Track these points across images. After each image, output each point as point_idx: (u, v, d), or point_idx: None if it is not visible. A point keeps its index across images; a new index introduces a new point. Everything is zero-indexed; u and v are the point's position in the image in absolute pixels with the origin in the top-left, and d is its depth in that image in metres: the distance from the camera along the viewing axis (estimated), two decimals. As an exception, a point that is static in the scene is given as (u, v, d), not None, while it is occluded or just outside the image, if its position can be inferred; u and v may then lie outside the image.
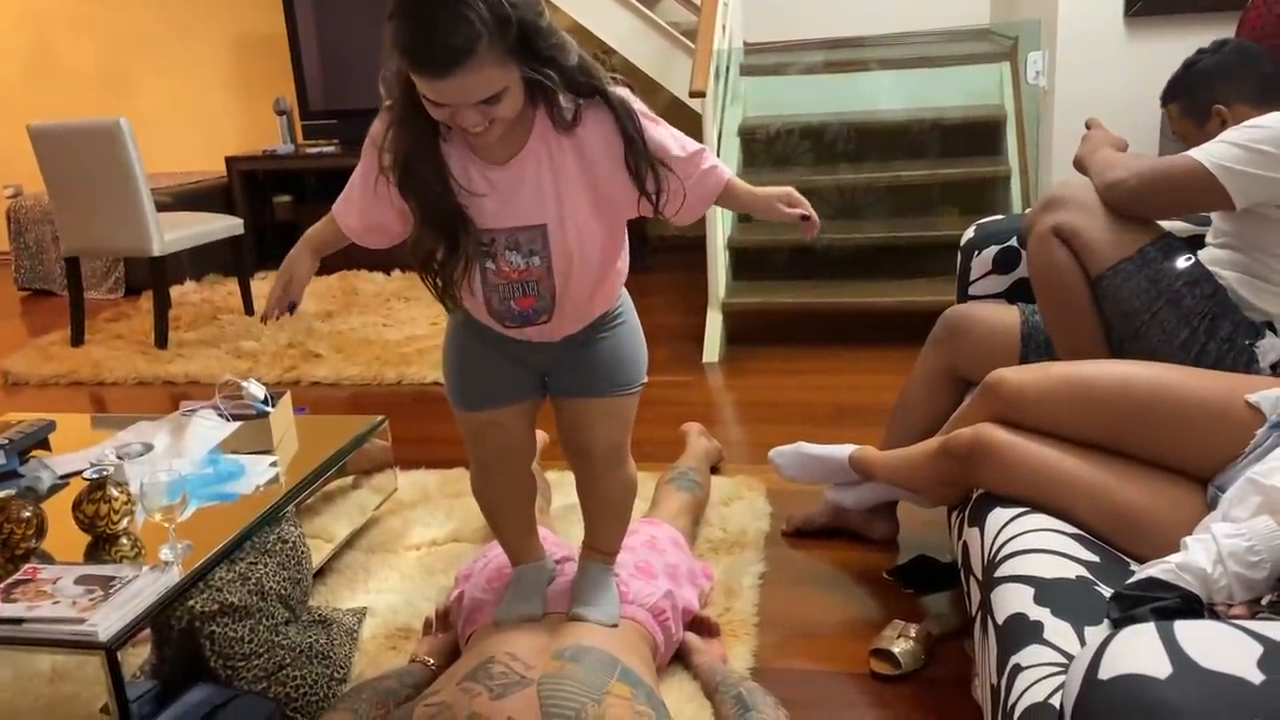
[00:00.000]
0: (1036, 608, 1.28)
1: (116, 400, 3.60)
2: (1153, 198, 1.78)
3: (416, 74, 1.33)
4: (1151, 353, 1.73)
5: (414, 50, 1.31)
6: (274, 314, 1.67)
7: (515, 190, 1.48)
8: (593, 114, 1.46)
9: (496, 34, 1.30)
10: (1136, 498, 1.51)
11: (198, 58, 5.69)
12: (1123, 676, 0.73)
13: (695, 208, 1.56)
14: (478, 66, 1.30)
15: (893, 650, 1.82)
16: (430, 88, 1.33)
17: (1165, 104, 1.98)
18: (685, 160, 1.53)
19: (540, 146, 1.46)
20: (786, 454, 2.17)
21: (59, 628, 1.55)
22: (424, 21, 1.28)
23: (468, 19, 1.27)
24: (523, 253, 1.52)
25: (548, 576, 1.77)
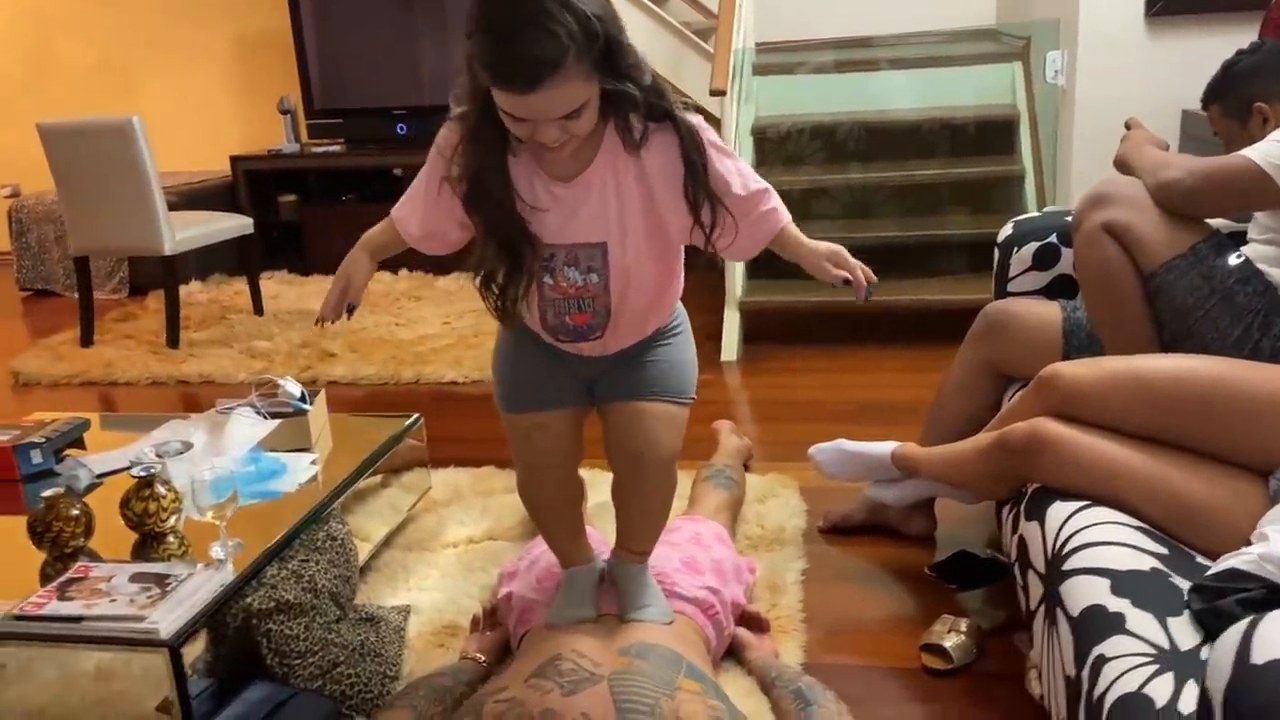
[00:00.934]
0: (1115, 599, 1.29)
1: (130, 400, 3.57)
2: (1207, 197, 1.80)
3: (501, 89, 1.32)
4: (1205, 350, 1.75)
5: (500, 65, 1.30)
6: (330, 318, 1.65)
7: (578, 207, 1.48)
8: (659, 137, 1.46)
9: (583, 47, 1.30)
10: (1196, 490, 1.52)
11: (200, 56, 5.66)
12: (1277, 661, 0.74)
13: (746, 248, 1.57)
14: (564, 80, 1.30)
15: (944, 645, 1.83)
16: (513, 103, 1.32)
17: (1206, 106, 2.00)
18: (744, 199, 1.52)
19: (606, 165, 1.47)
20: (827, 451, 2.17)
21: (119, 625, 1.54)
22: (511, 36, 1.28)
23: (555, 33, 1.26)
24: (581, 269, 1.53)
25: (598, 577, 1.76)
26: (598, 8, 1.31)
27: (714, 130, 1.51)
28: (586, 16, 1.29)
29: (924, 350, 3.43)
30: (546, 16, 1.26)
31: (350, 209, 5.14)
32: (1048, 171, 3.68)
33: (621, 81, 1.38)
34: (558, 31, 1.26)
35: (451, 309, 4.31)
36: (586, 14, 1.29)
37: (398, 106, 5.05)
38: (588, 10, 1.29)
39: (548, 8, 1.27)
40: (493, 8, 1.30)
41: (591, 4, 1.30)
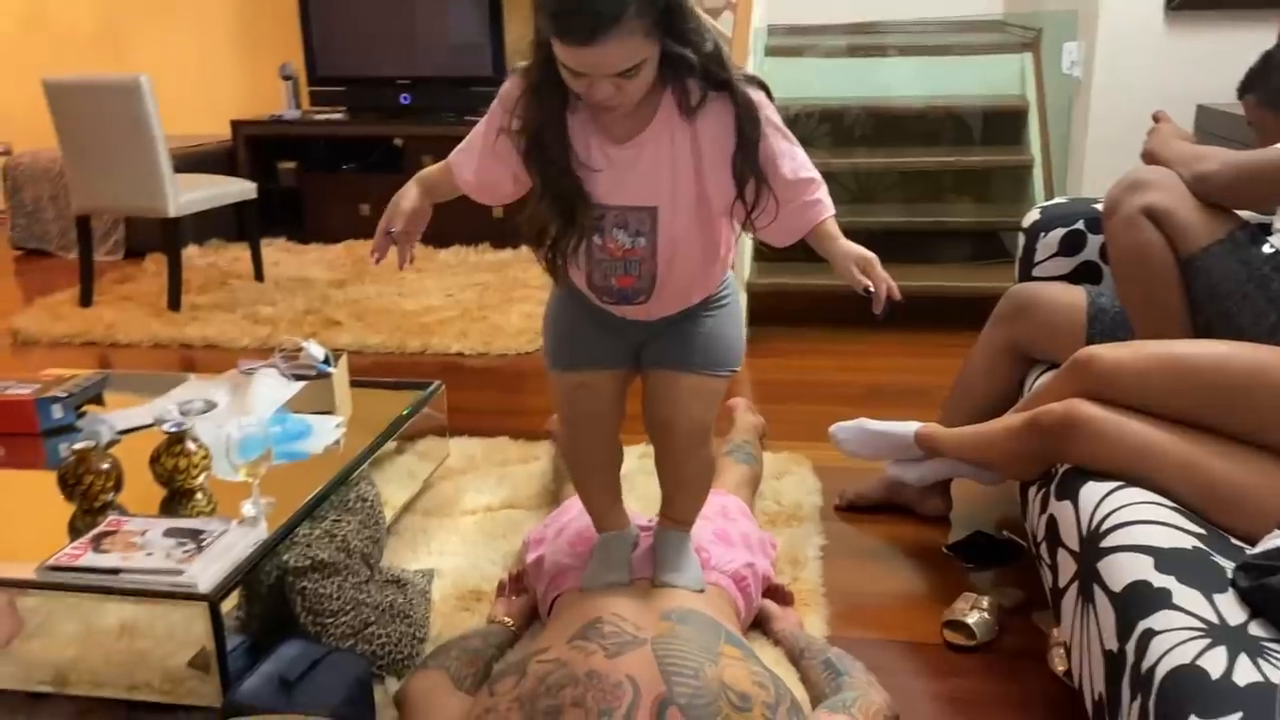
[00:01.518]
0: (1160, 575, 1.31)
1: (132, 361, 3.54)
2: (1245, 189, 1.82)
3: (560, 40, 1.32)
4: (1240, 334, 1.77)
5: (560, 16, 1.30)
6: (375, 253, 1.69)
7: (631, 169, 1.48)
8: (716, 106, 1.45)
9: (644, 4, 1.29)
10: (1231, 473, 1.54)
11: (202, 18, 5.59)
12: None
13: (781, 236, 1.55)
14: (623, 36, 1.30)
15: (967, 621, 1.85)
16: (572, 55, 1.32)
17: (1242, 95, 2.01)
18: (791, 183, 1.50)
19: (663, 129, 1.46)
20: (849, 429, 2.19)
21: (158, 579, 1.54)
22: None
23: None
24: (629, 232, 1.52)
25: (631, 544, 1.77)
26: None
27: (774, 108, 1.51)
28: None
29: (928, 336, 3.45)
30: None
31: (351, 178, 5.10)
32: (1057, 162, 3.70)
33: (682, 45, 1.37)
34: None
35: (454, 281, 4.30)
36: None
37: (401, 76, 5.02)
38: None
39: None
40: None
41: None
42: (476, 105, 4.92)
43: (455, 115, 4.94)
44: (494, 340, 3.56)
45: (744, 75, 1.47)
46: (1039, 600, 1.84)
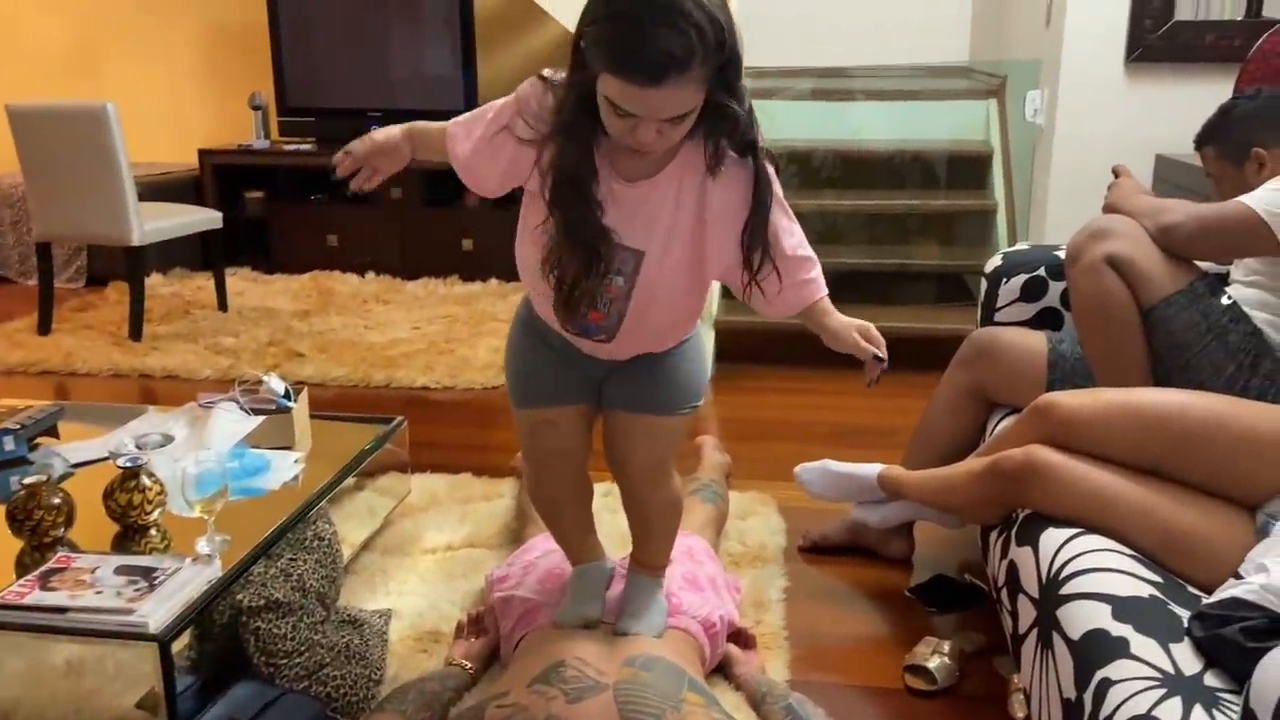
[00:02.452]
0: (1117, 624, 1.32)
1: (90, 391, 3.49)
2: (1206, 241, 1.85)
3: (620, 77, 1.28)
4: (1199, 385, 1.79)
5: (625, 54, 1.27)
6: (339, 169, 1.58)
7: (632, 210, 1.45)
8: (733, 170, 1.44)
9: (710, 53, 1.28)
10: (1188, 521, 1.56)
11: (172, 46, 5.56)
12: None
13: (778, 308, 1.55)
14: (685, 82, 1.28)
15: (928, 666, 1.85)
16: (628, 95, 1.29)
17: (1200, 147, 2.05)
18: (791, 260, 1.51)
19: (673, 177, 1.44)
20: (813, 471, 2.19)
21: (107, 618, 1.51)
22: (644, 25, 1.25)
23: (687, 32, 1.24)
24: (612, 269, 1.50)
25: (607, 576, 1.76)
26: (726, 18, 1.30)
27: (779, 184, 1.50)
28: (719, 25, 1.28)
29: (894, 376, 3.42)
30: (681, 15, 1.24)
31: (319, 209, 5.08)
32: (1020, 207, 3.76)
33: (730, 99, 1.36)
34: (690, 31, 1.24)
35: (421, 314, 4.28)
36: (720, 22, 1.28)
37: (372, 108, 5.01)
38: (720, 18, 1.28)
39: (684, 6, 1.25)
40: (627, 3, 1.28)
41: (722, 14, 1.29)
42: (447, 139, 4.92)
43: (426, 148, 4.93)
44: (460, 374, 3.54)
45: (765, 148, 1.46)
46: (1000, 645, 1.84)
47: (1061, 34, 3.34)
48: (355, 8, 4.99)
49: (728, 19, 1.30)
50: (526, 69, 5.24)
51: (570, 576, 1.76)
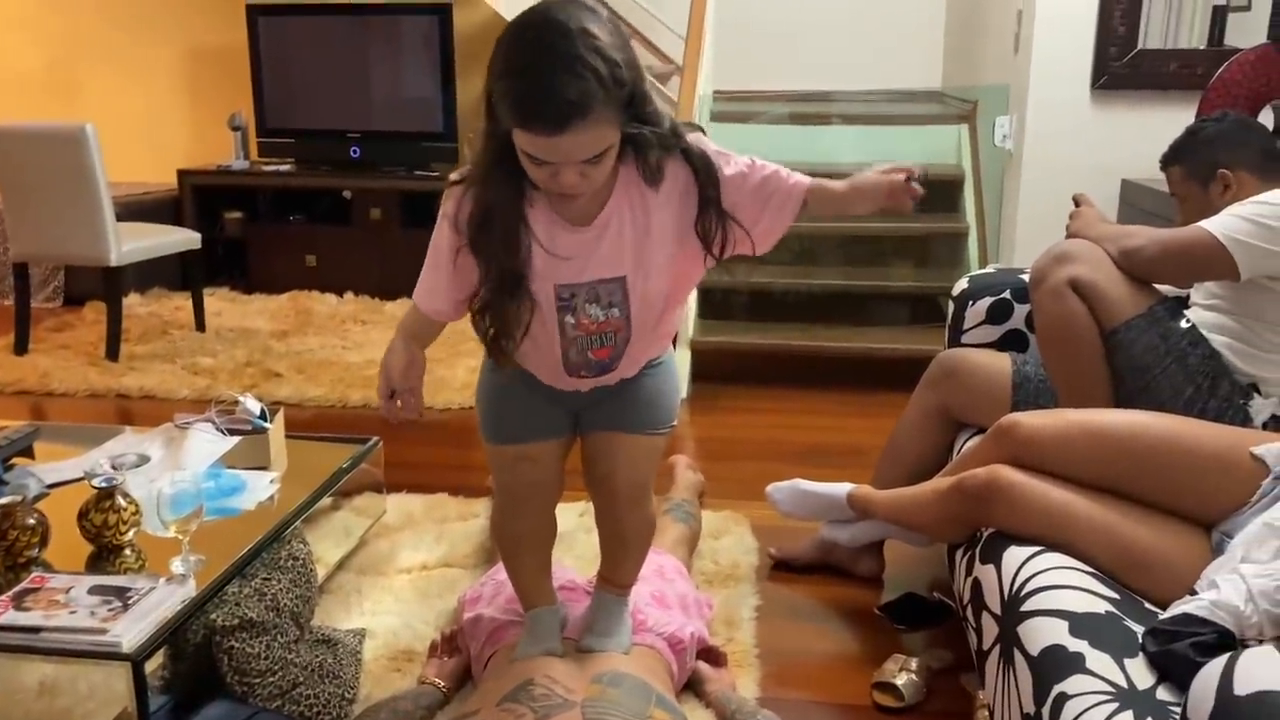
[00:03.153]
0: (1074, 640, 1.35)
1: (66, 412, 3.49)
2: (1168, 264, 1.90)
3: (528, 130, 1.33)
4: (1159, 406, 1.83)
5: (529, 106, 1.31)
6: (389, 415, 1.66)
7: (595, 249, 1.49)
8: (672, 167, 1.48)
9: (611, 92, 1.32)
10: (1146, 539, 1.59)
11: (151, 68, 5.58)
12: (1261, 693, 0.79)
13: (778, 229, 1.57)
14: (591, 124, 1.32)
15: (895, 683, 1.88)
16: (538, 144, 1.33)
17: (1166, 167, 2.09)
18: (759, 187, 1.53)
19: (622, 202, 1.48)
20: (784, 490, 2.22)
21: (81, 638, 1.52)
22: (541, 77, 1.29)
23: (585, 77, 1.29)
24: (603, 305, 1.53)
25: (561, 621, 1.77)
26: (624, 56, 1.34)
27: (709, 139, 1.54)
28: (615, 63, 1.32)
29: (867, 396, 3.52)
30: (578, 61, 1.29)
31: (297, 229, 5.10)
32: (991, 230, 3.82)
33: (642, 126, 1.41)
34: (588, 75, 1.29)
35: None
36: (616, 60, 1.32)
37: (352, 130, 5.05)
38: (616, 58, 1.32)
39: (579, 52, 1.29)
40: (524, 49, 1.32)
41: (618, 52, 1.33)
42: (427, 160, 4.97)
43: (405, 169, 4.97)
44: (438, 394, 3.55)
45: (684, 124, 1.50)
46: (967, 662, 1.87)
47: (1029, 61, 3.41)
48: (335, 29, 5.03)
49: (625, 54, 1.35)
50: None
51: (526, 619, 1.75)
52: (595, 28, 1.32)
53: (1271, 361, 1.88)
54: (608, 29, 1.34)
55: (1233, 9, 3.31)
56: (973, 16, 4.48)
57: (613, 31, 1.35)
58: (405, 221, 4.94)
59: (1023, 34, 3.52)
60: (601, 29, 1.33)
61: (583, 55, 1.29)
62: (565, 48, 1.29)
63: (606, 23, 1.36)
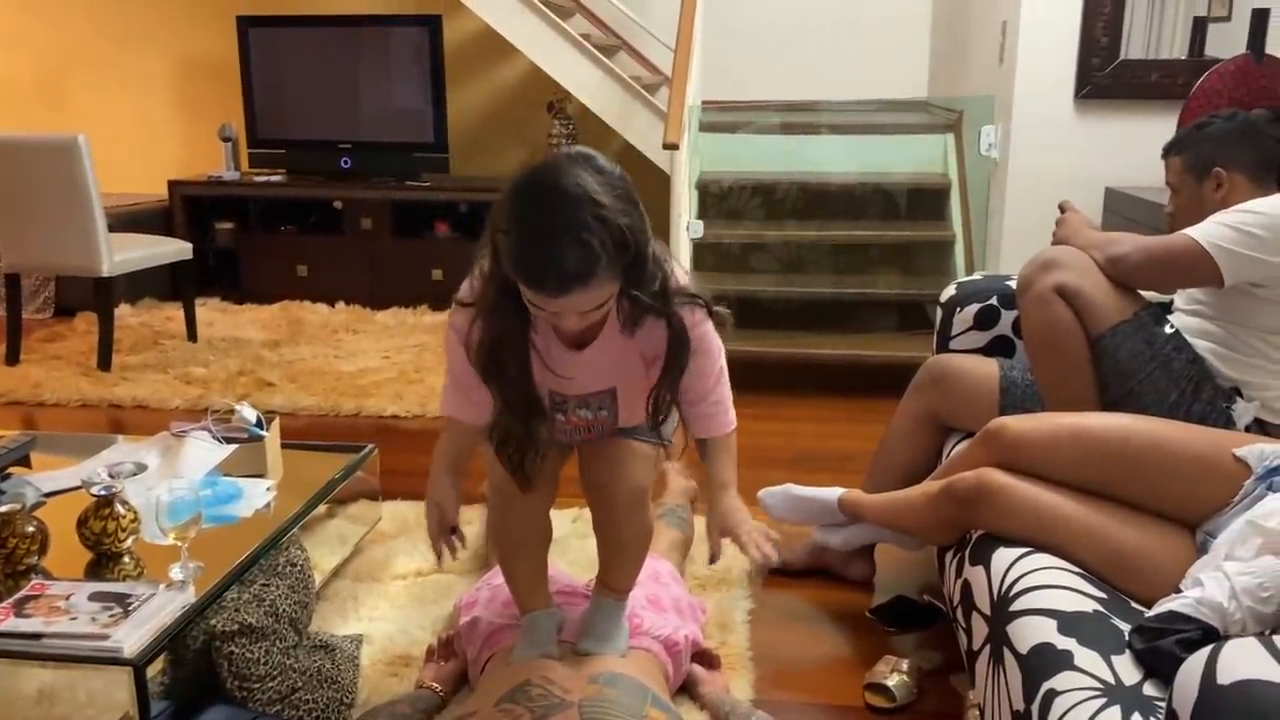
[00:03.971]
0: (1062, 638, 1.38)
1: (58, 422, 3.49)
2: (1153, 271, 1.94)
3: (530, 289, 1.38)
4: (1144, 410, 1.86)
5: (534, 271, 1.36)
6: (439, 553, 1.77)
7: (590, 367, 1.59)
8: (651, 323, 1.55)
9: (615, 257, 1.37)
10: (1131, 540, 1.62)
11: (142, 78, 5.60)
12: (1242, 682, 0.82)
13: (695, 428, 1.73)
14: (594, 288, 1.37)
15: (887, 684, 1.90)
16: (542, 300, 1.39)
17: (1167, 156, 2.10)
18: (704, 396, 1.68)
19: (613, 332, 1.56)
20: (776, 494, 2.25)
21: (81, 644, 1.53)
22: (547, 243, 1.33)
23: (590, 244, 1.32)
24: (592, 409, 1.66)
25: (558, 624, 1.79)
26: (631, 220, 1.38)
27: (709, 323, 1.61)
28: (620, 229, 1.35)
29: (855, 402, 3.55)
30: (584, 228, 1.32)
31: (289, 239, 5.11)
32: (977, 238, 3.86)
33: (635, 287, 1.46)
34: (592, 243, 1.32)
35: (391, 343, 4.31)
36: (621, 227, 1.35)
37: (342, 140, 5.07)
38: (622, 223, 1.36)
39: (585, 219, 1.32)
40: (531, 210, 1.35)
41: (625, 216, 1.37)
42: (418, 170, 4.99)
43: (396, 180, 4.99)
44: (430, 402, 3.57)
45: (686, 296, 1.55)
46: (957, 663, 1.90)
47: (1014, 71, 3.46)
48: (326, 40, 5.05)
49: (630, 218, 1.38)
50: (496, 102, 5.33)
51: (523, 624, 1.77)
52: (602, 193, 1.35)
53: (1254, 366, 1.91)
54: (615, 192, 1.37)
55: (1213, 20, 3.37)
56: (958, 27, 4.54)
57: (621, 195, 1.38)
58: (396, 231, 4.96)
59: (1007, 44, 3.57)
60: (608, 194, 1.36)
61: (588, 223, 1.32)
62: (571, 216, 1.32)
63: (615, 183, 1.39)
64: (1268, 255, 1.82)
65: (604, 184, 1.36)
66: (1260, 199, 1.88)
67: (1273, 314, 1.88)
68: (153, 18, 5.54)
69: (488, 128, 5.33)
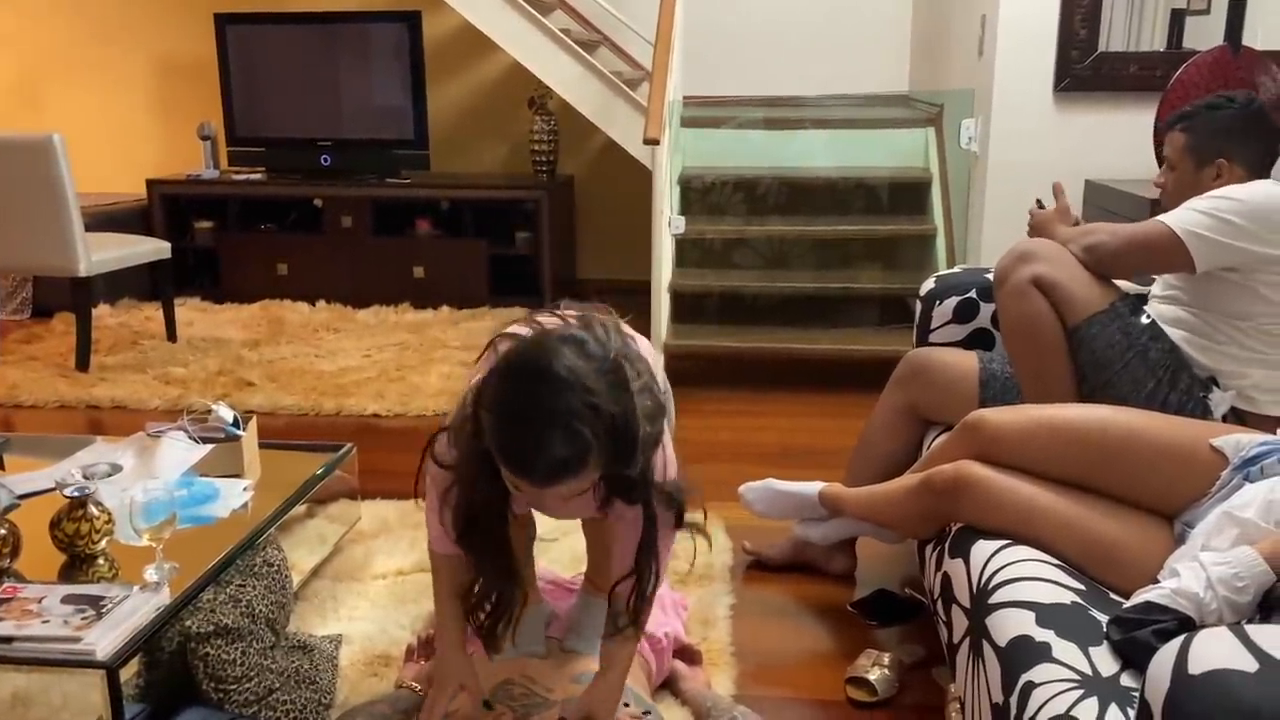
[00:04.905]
0: (1040, 630, 1.37)
1: (36, 423, 3.46)
2: (1128, 259, 1.94)
3: (515, 476, 1.30)
4: (1121, 400, 1.87)
5: (518, 460, 1.28)
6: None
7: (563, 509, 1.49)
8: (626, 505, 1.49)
9: (605, 445, 1.28)
10: (1110, 531, 1.62)
11: (119, 77, 5.55)
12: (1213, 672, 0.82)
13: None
14: (583, 477, 1.30)
15: (868, 678, 1.90)
16: (523, 486, 1.31)
17: (1171, 129, 2.06)
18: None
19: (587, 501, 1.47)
20: (757, 489, 2.25)
21: (54, 646, 1.51)
22: (533, 432, 1.24)
23: (580, 435, 1.24)
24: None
25: (546, 617, 1.78)
26: (623, 407, 1.29)
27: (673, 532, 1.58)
28: (612, 417, 1.27)
29: (839, 397, 3.56)
30: (575, 416, 1.24)
31: (268, 238, 5.08)
32: (958, 232, 3.87)
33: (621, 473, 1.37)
34: (584, 433, 1.24)
35: (372, 342, 4.29)
36: (612, 415, 1.27)
37: (322, 138, 5.04)
38: (614, 411, 1.27)
39: (576, 407, 1.24)
40: (520, 395, 1.27)
41: (616, 404, 1.28)
42: (398, 168, 4.97)
43: (376, 177, 4.97)
44: (411, 401, 3.55)
45: (664, 497, 1.49)
46: (938, 656, 1.90)
47: (993, 64, 3.46)
48: (304, 37, 5.02)
49: (621, 405, 1.29)
50: (476, 99, 5.31)
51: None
52: (594, 379, 1.27)
53: (1228, 354, 1.92)
54: (607, 378, 1.29)
55: (1191, 12, 3.38)
56: (939, 21, 4.54)
57: (613, 381, 1.30)
58: (377, 229, 4.93)
59: (986, 38, 3.57)
60: (601, 380, 1.28)
61: (580, 411, 1.24)
62: (560, 405, 1.24)
63: (607, 368, 1.30)
64: (1242, 242, 1.83)
65: (596, 369, 1.28)
66: (1236, 185, 1.89)
67: (1247, 300, 1.88)
68: (130, 16, 5.49)
69: (468, 124, 5.31)
